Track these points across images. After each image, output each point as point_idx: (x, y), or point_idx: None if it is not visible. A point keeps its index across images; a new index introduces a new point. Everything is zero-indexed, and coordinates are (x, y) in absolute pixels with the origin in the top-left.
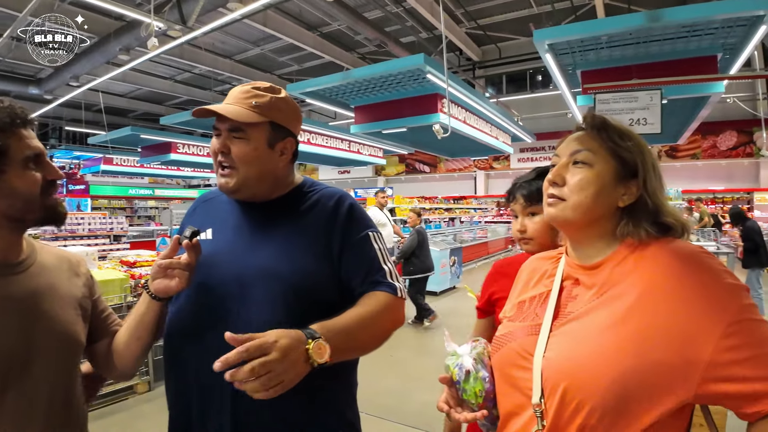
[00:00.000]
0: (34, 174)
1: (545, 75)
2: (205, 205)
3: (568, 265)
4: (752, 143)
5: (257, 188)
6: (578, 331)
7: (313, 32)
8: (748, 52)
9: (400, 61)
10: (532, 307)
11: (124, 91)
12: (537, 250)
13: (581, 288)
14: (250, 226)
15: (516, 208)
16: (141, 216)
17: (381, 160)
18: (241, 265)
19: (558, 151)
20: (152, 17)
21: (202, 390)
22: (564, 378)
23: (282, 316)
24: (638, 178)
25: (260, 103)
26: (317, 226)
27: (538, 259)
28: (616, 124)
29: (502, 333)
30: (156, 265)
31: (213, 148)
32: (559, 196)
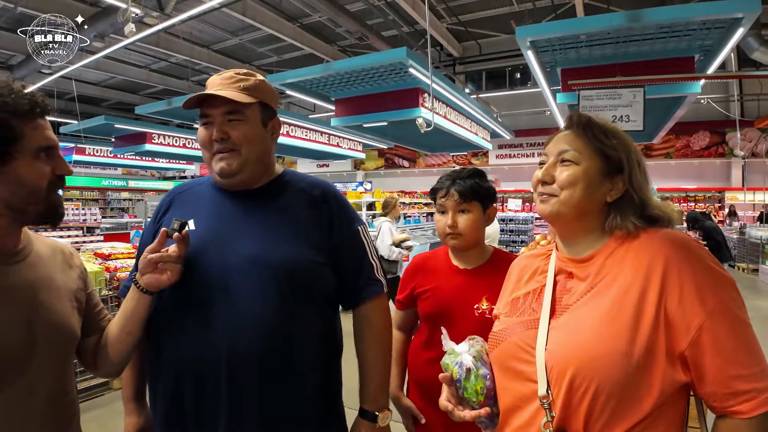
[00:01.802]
0: (44, 166)
1: (524, 72)
2: (181, 197)
3: (560, 259)
4: (725, 144)
5: (255, 170)
6: (577, 321)
7: (293, 23)
8: (725, 54)
9: (382, 55)
10: (527, 302)
11: (97, 79)
12: (464, 246)
13: (575, 281)
14: (235, 215)
15: (448, 204)
16: (114, 208)
17: (360, 154)
18: (230, 254)
19: (546, 150)
20: (129, 3)
21: (196, 378)
22: (569, 365)
23: (276, 303)
24: (624, 174)
25: (247, 86)
26: (306, 217)
27: (528, 257)
28: (601, 122)
29: (499, 329)
30: (146, 259)
31: (205, 136)
32: (550, 193)
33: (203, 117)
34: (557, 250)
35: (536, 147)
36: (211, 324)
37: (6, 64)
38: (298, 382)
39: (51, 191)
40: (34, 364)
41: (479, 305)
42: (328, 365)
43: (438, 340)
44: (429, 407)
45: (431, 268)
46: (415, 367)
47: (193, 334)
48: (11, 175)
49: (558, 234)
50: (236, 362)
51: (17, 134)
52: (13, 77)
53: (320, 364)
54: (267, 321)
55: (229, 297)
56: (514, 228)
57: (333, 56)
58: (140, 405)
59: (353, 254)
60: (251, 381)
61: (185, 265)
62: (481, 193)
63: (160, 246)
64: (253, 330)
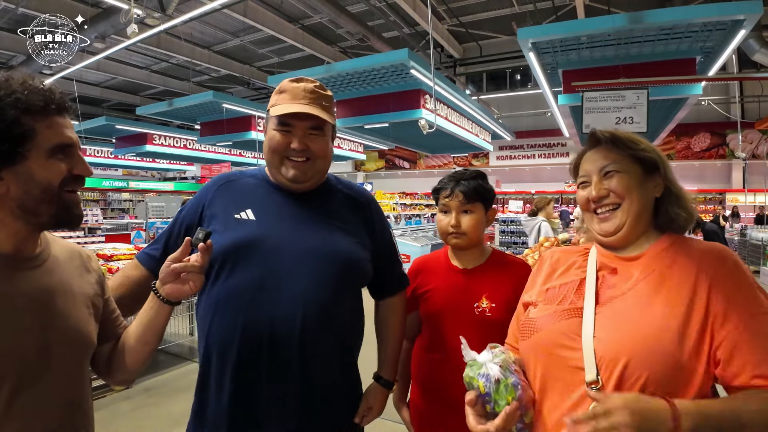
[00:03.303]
0: (59, 164)
1: (525, 74)
2: (230, 186)
3: (604, 256)
4: (725, 145)
5: (320, 178)
6: (627, 314)
7: (294, 24)
8: (726, 55)
9: (383, 56)
10: (562, 292)
11: (98, 80)
12: (467, 246)
13: (619, 277)
14: (293, 211)
15: (452, 203)
16: (115, 209)
17: (361, 156)
18: (293, 243)
19: (584, 172)
20: (131, 3)
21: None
22: (622, 354)
23: (335, 287)
24: (660, 171)
25: (326, 104)
26: (353, 218)
27: (563, 251)
28: (623, 134)
29: (538, 315)
30: (168, 269)
31: (282, 142)
32: (612, 203)
33: (284, 125)
34: (599, 248)
35: (537, 148)
36: (280, 301)
37: (7, 64)
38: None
39: (65, 191)
40: (49, 372)
41: (479, 304)
42: (359, 350)
43: (440, 341)
44: (431, 408)
45: (431, 269)
46: (418, 367)
47: (254, 315)
48: (23, 175)
49: (611, 245)
50: (306, 332)
51: (29, 132)
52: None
53: (358, 342)
54: (326, 302)
55: (291, 282)
56: (515, 229)
57: (334, 57)
58: None
59: (389, 254)
60: (317, 348)
61: (251, 254)
62: (483, 194)
63: (183, 255)
64: (314, 309)
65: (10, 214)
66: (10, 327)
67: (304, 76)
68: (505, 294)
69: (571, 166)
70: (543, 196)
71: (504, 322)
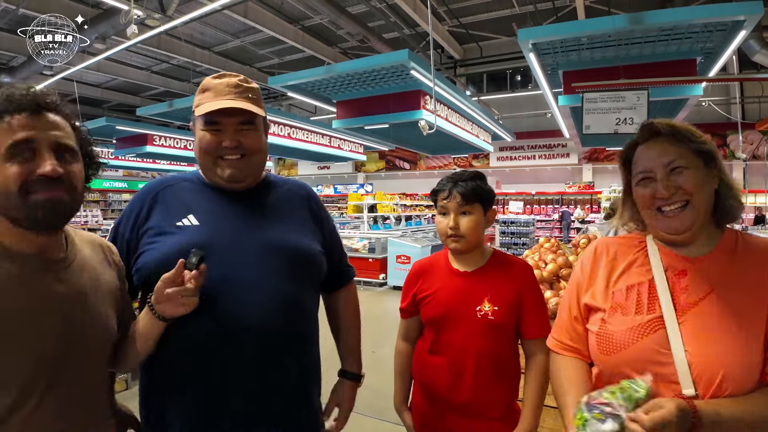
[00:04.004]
0: (13, 167)
1: (525, 75)
2: (166, 193)
3: (669, 256)
4: (726, 146)
5: (258, 174)
6: (712, 324)
7: (295, 25)
8: (726, 56)
9: (384, 57)
10: (633, 297)
11: (98, 81)
12: (465, 248)
13: (690, 279)
14: (237, 211)
15: (450, 205)
16: (115, 210)
17: (361, 156)
18: (244, 243)
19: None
20: (132, 4)
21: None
22: (718, 371)
23: (292, 283)
24: (716, 162)
25: (254, 96)
26: (300, 213)
27: (618, 244)
28: (681, 125)
29: (616, 330)
30: (164, 293)
31: (212, 142)
32: (682, 201)
33: (212, 123)
34: (658, 244)
35: (537, 149)
36: (246, 301)
37: (7, 65)
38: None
39: (29, 193)
40: (73, 372)
41: (481, 307)
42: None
43: (443, 344)
44: (434, 410)
45: (432, 272)
46: (420, 370)
47: (219, 319)
48: None
49: (677, 243)
50: (266, 334)
51: None
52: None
53: (316, 338)
54: (289, 297)
55: (250, 280)
56: (515, 230)
57: (334, 58)
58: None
59: (336, 245)
60: (278, 351)
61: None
62: (482, 195)
63: (177, 276)
64: (279, 305)
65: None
66: (33, 330)
67: (226, 72)
68: (508, 296)
69: (619, 159)
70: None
71: (507, 324)
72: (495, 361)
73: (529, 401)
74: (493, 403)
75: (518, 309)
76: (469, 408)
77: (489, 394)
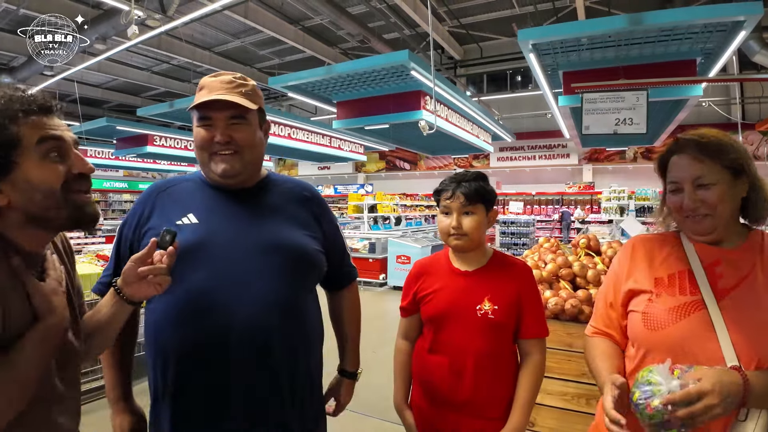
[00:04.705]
0: (55, 166)
1: (525, 75)
2: (168, 194)
3: (701, 247)
4: None
5: (252, 170)
6: (751, 306)
7: (295, 26)
8: (726, 57)
9: (384, 57)
10: (675, 282)
11: (99, 81)
12: (468, 247)
13: (724, 268)
14: (235, 210)
15: (453, 205)
16: (116, 210)
17: (362, 157)
18: (240, 242)
19: (675, 179)
20: (132, 4)
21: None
22: (761, 346)
23: (289, 283)
24: (746, 172)
25: (248, 91)
26: (299, 213)
27: (649, 240)
28: (710, 139)
29: (660, 308)
30: (135, 272)
31: (206, 137)
32: (705, 213)
33: (204, 119)
34: (692, 238)
35: (537, 150)
36: (238, 302)
37: (8, 65)
38: (306, 353)
39: (70, 192)
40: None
41: (481, 306)
42: (321, 341)
43: (443, 343)
44: (435, 409)
45: (432, 271)
46: (420, 369)
47: (214, 317)
48: (20, 182)
49: (704, 240)
50: (259, 333)
51: (14, 138)
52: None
53: (319, 339)
54: (283, 296)
55: (246, 279)
56: (516, 231)
57: (334, 59)
58: (131, 403)
59: (338, 246)
60: (272, 351)
61: (198, 257)
62: (485, 195)
63: (148, 256)
64: (273, 305)
65: (21, 226)
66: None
67: (224, 71)
68: (508, 296)
69: (656, 163)
70: None
71: (506, 324)
72: (494, 360)
73: (520, 399)
74: (492, 402)
75: (518, 309)
76: (468, 407)
77: (488, 394)
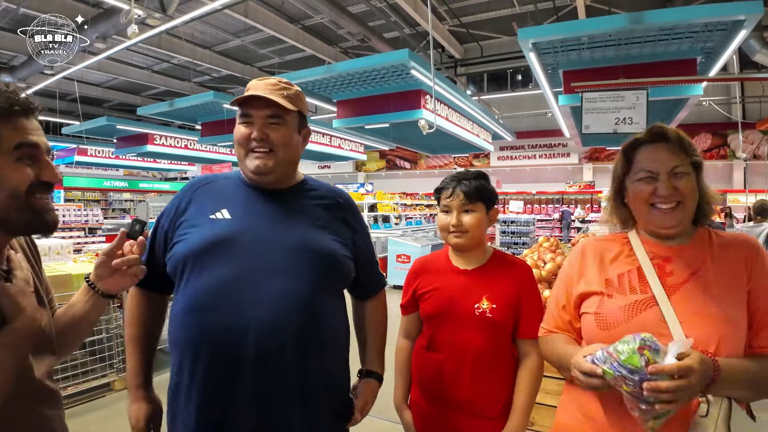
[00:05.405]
0: (25, 169)
1: (525, 74)
2: (205, 189)
3: (653, 245)
4: (726, 146)
5: (285, 171)
6: (701, 300)
7: (295, 25)
8: (727, 56)
9: (384, 56)
10: (625, 281)
11: (99, 80)
12: (468, 244)
13: (674, 265)
14: (269, 210)
15: (453, 203)
16: (116, 209)
17: (362, 156)
18: (270, 241)
19: (650, 168)
20: (132, 3)
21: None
22: (714, 338)
23: (314, 285)
24: (701, 172)
25: (290, 94)
26: (332, 218)
27: (599, 241)
28: (685, 137)
29: (613, 307)
30: (108, 265)
31: (244, 134)
32: (678, 200)
33: (244, 116)
34: (642, 237)
35: (537, 149)
36: (256, 299)
37: (8, 65)
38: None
39: (33, 197)
40: None
41: (479, 305)
42: (343, 346)
43: (441, 341)
44: (434, 408)
45: (432, 269)
46: (420, 368)
47: (230, 313)
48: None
49: (664, 236)
50: (273, 334)
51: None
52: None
53: (340, 343)
54: (303, 298)
55: (268, 278)
56: (516, 230)
57: (335, 58)
58: (150, 392)
59: (367, 254)
60: (285, 352)
61: (227, 253)
62: (485, 194)
63: (118, 248)
64: (291, 306)
65: None
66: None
67: (272, 77)
68: (506, 295)
69: (621, 153)
70: (764, 199)
71: (505, 323)
72: (492, 359)
73: (519, 401)
74: (491, 401)
75: (517, 309)
76: (467, 406)
77: (487, 393)
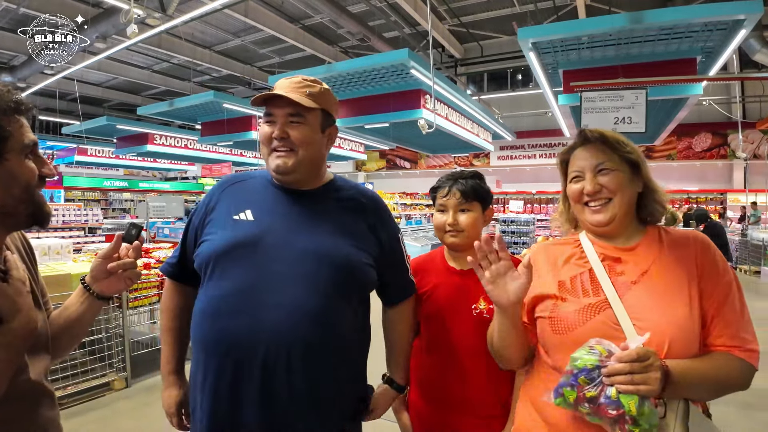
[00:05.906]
0: (31, 164)
1: (526, 74)
2: (234, 189)
3: (603, 247)
4: (726, 145)
5: (308, 171)
6: (653, 300)
7: (295, 24)
8: (726, 56)
9: (384, 56)
10: (578, 284)
11: (99, 80)
12: (464, 243)
13: (624, 266)
14: (292, 212)
15: (449, 203)
16: (116, 209)
17: (362, 156)
18: (289, 246)
19: (577, 168)
20: (132, 3)
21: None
22: (665, 337)
23: (330, 293)
24: (641, 170)
25: (313, 92)
26: (357, 221)
27: (551, 245)
28: (610, 134)
29: (567, 311)
30: (104, 268)
31: (267, 133)
32: (606, 198)
33: (268, 115)
34: (591, 239)
35: (537, 148)
36: (268, 307)
37: (8, 64)
38: (346, 364)
39: (35, 191)
40: None
41: (477, 305)
42: (360, 353)
43: (438, 342)
44: (432, 409)
45: (428, 270)
46: (417, 369)
47: (242, 316)
48: (5, 175)
49: (604, 234)
50: (283, 340)
51: (5, 133)
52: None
53: (354, 351)
54: (315, 305)
55: (282, 283)
56: (516, 230)
57: (334, 57)
58: (181, 377)
59: (397, 259)
60: (293, 359)
61: (247, 255)
62: (481, 194)
63: (115, 251)
64: (304, 314)
65: None
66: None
67: (298, 75)
68: None
69: (558, 160)
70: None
71: None
72: (490, 359)
73: None
74: (489, 401)
75: None
76: (465, 406)
77: (484, 392)
